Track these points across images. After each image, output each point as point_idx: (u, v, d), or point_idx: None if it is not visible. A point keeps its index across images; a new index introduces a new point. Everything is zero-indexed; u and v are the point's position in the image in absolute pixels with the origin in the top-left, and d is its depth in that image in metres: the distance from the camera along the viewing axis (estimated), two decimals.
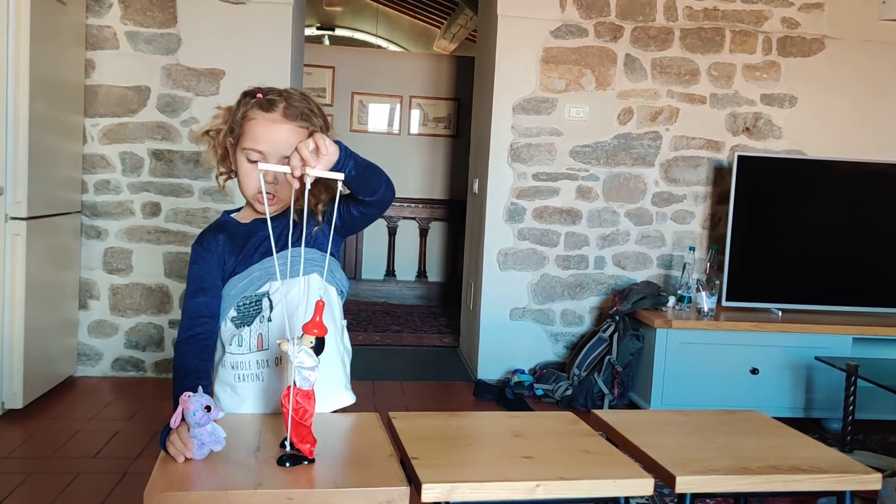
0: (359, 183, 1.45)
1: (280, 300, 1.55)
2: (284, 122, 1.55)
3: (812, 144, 4.30)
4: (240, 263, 1.59)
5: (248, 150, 1.55)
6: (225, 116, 1.62)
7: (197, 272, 1.59)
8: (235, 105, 1.61)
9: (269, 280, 1.56)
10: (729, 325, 3.67)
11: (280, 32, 3.94)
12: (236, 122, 1.58)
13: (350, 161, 1.38)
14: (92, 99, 3.87)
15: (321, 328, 1.27)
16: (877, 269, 4.00)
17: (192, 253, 1.63)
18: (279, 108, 1.55)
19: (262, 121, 1.55)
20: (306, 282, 1.56)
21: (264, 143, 1.54)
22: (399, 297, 6.50)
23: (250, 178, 1.56)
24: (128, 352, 3.97)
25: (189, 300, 1.58)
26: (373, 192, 1.50)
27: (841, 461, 1.53)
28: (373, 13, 10.99)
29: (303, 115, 1.56)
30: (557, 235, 4.19)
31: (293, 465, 1.26)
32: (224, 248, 1.60)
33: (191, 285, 1.59)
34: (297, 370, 1.25)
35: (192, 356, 1.52)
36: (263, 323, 1.56)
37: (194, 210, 3.96)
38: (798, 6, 4.24)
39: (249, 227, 1.63)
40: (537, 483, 1.31)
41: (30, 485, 2.64)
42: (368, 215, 1.57)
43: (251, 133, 1.55)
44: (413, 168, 6.70)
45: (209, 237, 1.63)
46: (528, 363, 4.16)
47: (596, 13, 4.12)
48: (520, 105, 4.11)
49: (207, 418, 1.28)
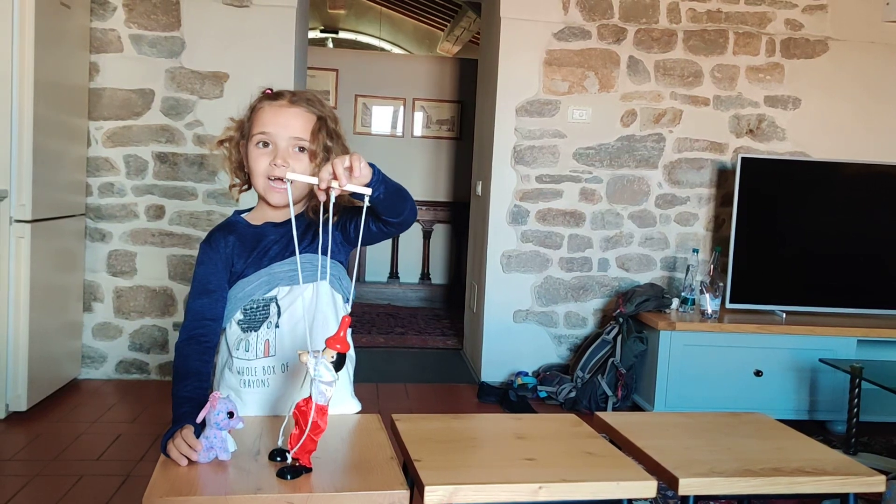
0: (385, 205, 1.44)
1: (288, 307, 1.55)
2: (291, 106, 1.58)
3: (816, 146, 4.29)
4: (249, 266, 1.57)
5: (256, 135, 1.57)
6: (238, 125, 1.64)
7: (203, 273, 1.58)
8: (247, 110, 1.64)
9: (278, 285, 1.55)
10: (733, 327, 3.66)
11: (283, 35, 3.95)
12: (247, 122, 1.61)
13: (381, 186, 1.37)
14: (96, 102, 3.88)
15: (344, 345, 1.25)
16: (881, 271, 3.99)
17: (200, 252, 1.61)
18: (286, 96, 1.59)
19: (268, 107, 1.58)
20: (315, 289, 1.54)
21: (271, 125, 1.56)
22: (403, 299, 6.50)
23: (259, 162, 1.56)
24: (132, 354, 3.98)
25: (193, 301, 1.57)
26: (397, 215, 1.49)
27: (845, 463, 1.53)
28: (376, 16, 11.01)
29: (309, 101, 1.59)
30: (561, 238, 4.19)
31: (294, 478, 1.23)
32: (233, 250, 1.59)
33: (196, 285, 1.58)
34: (315, 383, 1.22)
35: (193, 357, 1.52)
36: (271, 329, 1.55)
37: (198, 213, 3.97)
38: (801, 8, 4.24)
39: (260, 228, 1.61)
40: (540, 485, 1.31)
41: (33, 487, 2.65)
42: (386, 233, 1.56)
43: (259, 119, 1.58)
44: (416, 170, 6.70)
45: (218, 237, 1.61)
46: (531, 365, 4.16)
47: (599, 15, 4.12)
48: (523, 107, 4.12)
49: (228, 424, 1.27)
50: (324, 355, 1.23)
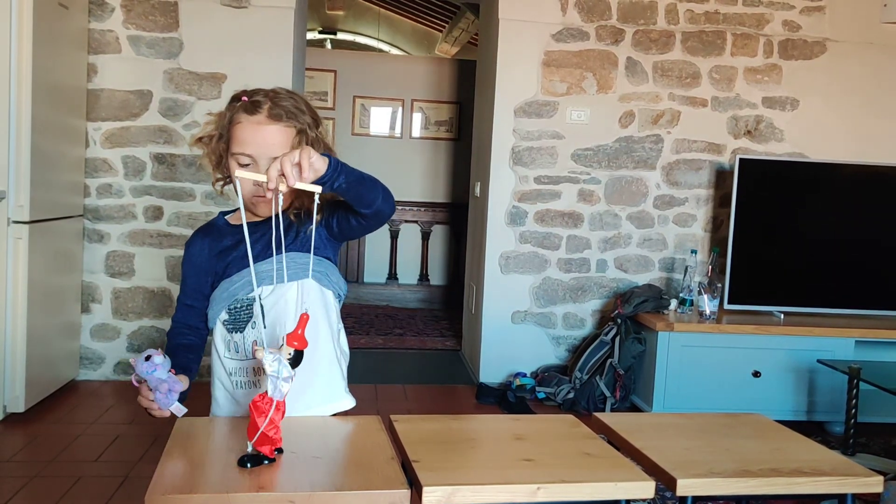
0: (352, 196, 1.43)
1: (272, 306, 1.54)
2: (270, 123, 1.53)
3: (814, 147, 4.30)
4: (231, 266, 1.58)
5: (237, 155, 1.54)
6: (217, 122, 1.59)
7: (183, 274, 1.67)
8: (225, 110, 1.59)
9: (261, 284, 1.54)
10: (731, 328, 3.67)
11: (282, 36, 3.95)
12: (224, 127, 1.57)
13: (340, 176, 1.35)
14: (94, 103, 3.88)
15: (301, 341, 1.26)
16: (879, 272, 4.00)
17: (184, 253, 1.68)
18: (264, 109, 1.53)
19: (247, 124, 1.53)
20: (300, 287, 1.54)
21: (251, 145, 1.52)
22: (401, 300, 6.50)
23: (243, 182, 1.53)
24: (130, 355, 3.97)
25: (178, 297, 1.68)
26: (368, 205, 1.48)
27: (843, 464, 1.53)
28: (375, 17, 11.01)
29: (288, 113, 1.54)
30: (559, 239, 4.19)
31: (254, 466, 1.25)
32: (210, 252, 1.62)
33: (183, 285, 1.67)
34: (272, 380, 1.24)
35: (177, 337, 1.64)
36: (257, 330, 1.55)
37: (196, 214, 3.96)
38: (799, 9, 4.24)
39: (240, 228, 1.57)
40: (538, 486, 1.31)
41: (31, 488, 2.65)
42: (366, 226, 1.56)
43: (238, 137, 1.54)
44: (415, 171, 6.71)
45: (196, 241, 1.66)
46: (529, 366, 4.16)
47: (597, 17, 4.13)
48: (521, 108, 4.12)
49: (142, 367, 1.36)
50: (281, 352, 1.24)
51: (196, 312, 1.64)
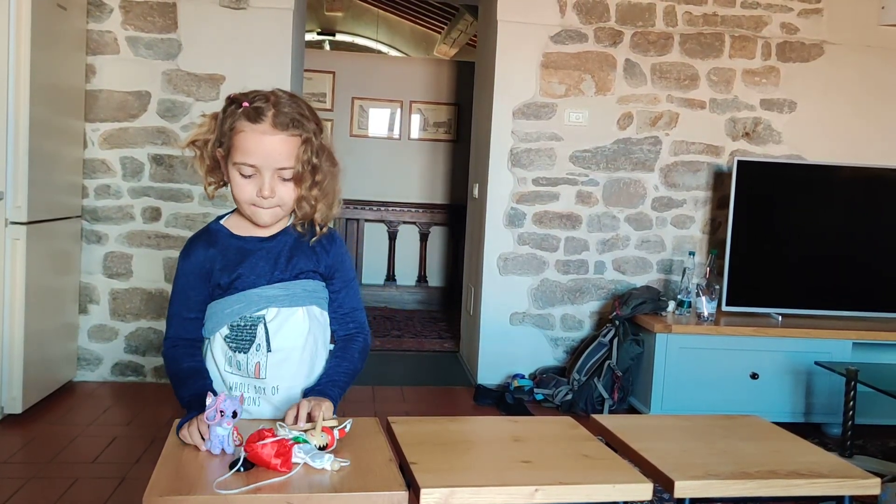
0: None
1: (277, 330, 1.53)
2: (275, 133, 1.46)
3: (812, 149, 4.30)
4: (239, 280, 1.53)
5: (240, 165, 1.47)
6: (211, 125, 1.52)
7: (182, 286, 1.56)
8: (221, 113, 1.51)
9: (267, 306, 1.53)
10: (729, 329, 3.67)
11: (280, 38, 3.95)
12: (224, 133, 1.48)
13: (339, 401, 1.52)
14: (92, 104, 3.87)
15: (332, 442, 1.35)
16: (877, 274, 4.00)
17: (179, 263, 1.58)
18: (268, 117, 1.45)
19: (251, 133, 1.45)
20: (306, 313, 1.57)
21: (256, 156, 1.46)
22: (399, 301, 6.50)
23: (244, 191, 1.49)
24: (127, 356, 3.97)
25: (173, 309, 1.57)
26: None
27: (840, 466, 1.53)
28: (373, 18, 11.02)
29: (294, 121, 1.47)
30: (557, 240, 4.20)
31: (247, 469, 1.26)
32: (214, 264, 1.54)
33: (174, 297, 1.58)
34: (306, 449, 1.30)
35: (186, 358, 1.54)
36: (261, 352, 1.53)
37: (194, 215, 3.96)
38: (797, 11, 4.25)
39: (245, 242, 1.56)
40: (536, 488, 1.31)
41: (29, 490, 2.64)
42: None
43: (242, 147, 1.46)
44: (413, 173, 6.71)
45: (198, 250, 1.56)
46: (528, 368, 4.16)
47: (596, 18, 4.13)
48: (520, 110, 4.12)
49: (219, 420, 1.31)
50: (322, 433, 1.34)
51: (198, 325, 1.56)
